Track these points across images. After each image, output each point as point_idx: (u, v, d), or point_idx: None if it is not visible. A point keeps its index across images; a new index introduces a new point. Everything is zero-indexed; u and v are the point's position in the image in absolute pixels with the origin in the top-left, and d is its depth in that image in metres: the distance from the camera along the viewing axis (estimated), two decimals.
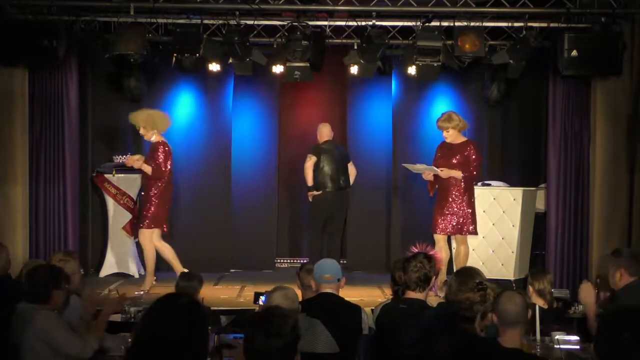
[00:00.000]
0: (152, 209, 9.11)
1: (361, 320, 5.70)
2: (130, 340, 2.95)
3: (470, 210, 9.01)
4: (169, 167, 9.10)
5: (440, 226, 9.01)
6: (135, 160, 9.16)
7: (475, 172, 9.04)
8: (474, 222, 9.02)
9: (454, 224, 9.00)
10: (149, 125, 9.10)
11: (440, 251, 8.79)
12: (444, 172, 8.96)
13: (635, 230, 9.00)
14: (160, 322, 2.85)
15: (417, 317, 5.07)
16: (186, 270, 8.23)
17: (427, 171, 9.11)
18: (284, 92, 11.18)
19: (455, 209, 9.00)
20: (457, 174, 8.96)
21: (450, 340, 4.41)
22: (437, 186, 9.12)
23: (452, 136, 9.07)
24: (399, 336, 4.93)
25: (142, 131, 9.15)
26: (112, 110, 10.82)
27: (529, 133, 10.79)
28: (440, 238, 9.08)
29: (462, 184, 8.97)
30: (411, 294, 5.52)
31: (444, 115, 9.17)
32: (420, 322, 4.99)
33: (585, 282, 5.89)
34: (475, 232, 9.07)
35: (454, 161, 9.02)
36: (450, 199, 8.98)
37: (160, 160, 9.05)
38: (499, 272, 9.69)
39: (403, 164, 9.69)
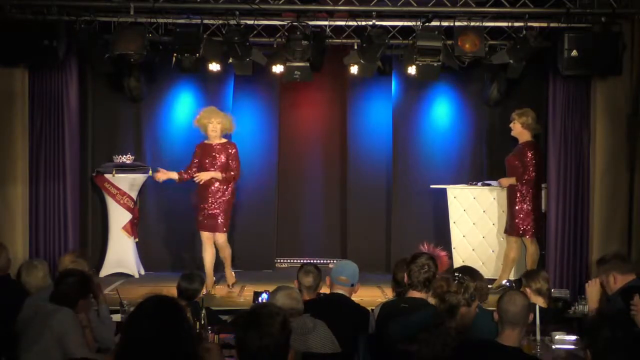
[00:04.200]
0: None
1: (369, 323, 5.71)
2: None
3: (522, 213, 9.36)
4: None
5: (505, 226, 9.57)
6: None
7: (526, 175, 9.35)
8: (528, 224, 9.35)
9: (507, 223, 9.49)
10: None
11: (510, 251, 9.44)
12: (499, 183, 9.70)
13: (635, 230, 8.99)
14: (135, 327, 2.88)
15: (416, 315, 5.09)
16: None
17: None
18: (284, 92, 11.18)
19: (508, 210, 9.49)
20: (508, 181, 9.52)
21: (429, 339, 4.44)
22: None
23: (517, 131, 9.50)
24: (398, 334, 4.94)
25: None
26: (112, 110, 10.82)
27: None
28: (508, 238, 9.53)
29: (518, 186, 9.39)
30: (415, 294, 5.53)
31: (523, 109, 9.56)
32: (409, 322, 5.03)
33: (594, 281, 5.95)
34: (524, 234, 9.40)
35: (509, 162, 9.53)
36: (507, 200, 9.54)
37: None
38: (498, 271, 9.69)
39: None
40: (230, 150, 9.27)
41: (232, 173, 9.23)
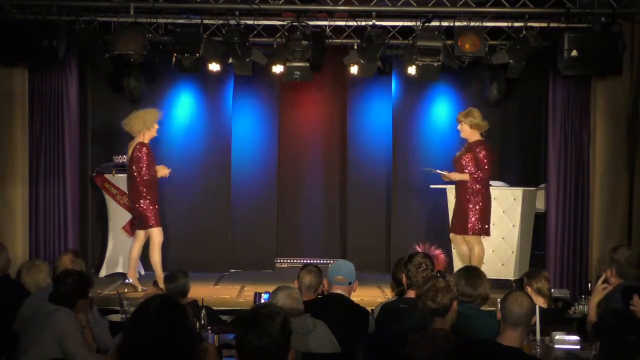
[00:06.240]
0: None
1: (368, 323, 5.71)
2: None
3: (472, 212, 8.98)
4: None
5: (451, 225, 9.19)
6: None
7: (481, 173, 8.91)
8: (478, 222, 8.95)
9: (457, 223, 9.06)
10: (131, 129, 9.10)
11: (455, 249, 9.18)
12: (447, 176, 9.13)
13: (635, 230, 8.99)
14: (138, 328, 2.89)
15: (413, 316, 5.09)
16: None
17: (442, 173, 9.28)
18: (284, 92, 11.18)
19: (458, 209, 9.06)
20: (460, 176, 9.01)
21: (420, 341, 4.44)
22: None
23: (466, 132, 9.04)
24: (397, 335, 4.95)
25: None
26: (112, 110, 10.81)
27: (529, 133, 10.79)
28: (453, 237, 9.21)
29: (468, 184, 8.97)
30: (413, 294, 5.53)
31: (467, 109, 9.19)
32: (403, 325, 5.03)
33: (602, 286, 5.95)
34: (478, 233, 9.01)
35: (463, 161, 9.03)
36: (457, 199, 9.12)
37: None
38: (498, 272, 9.69)
39: (423, 168, 9.75)
40: None
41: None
